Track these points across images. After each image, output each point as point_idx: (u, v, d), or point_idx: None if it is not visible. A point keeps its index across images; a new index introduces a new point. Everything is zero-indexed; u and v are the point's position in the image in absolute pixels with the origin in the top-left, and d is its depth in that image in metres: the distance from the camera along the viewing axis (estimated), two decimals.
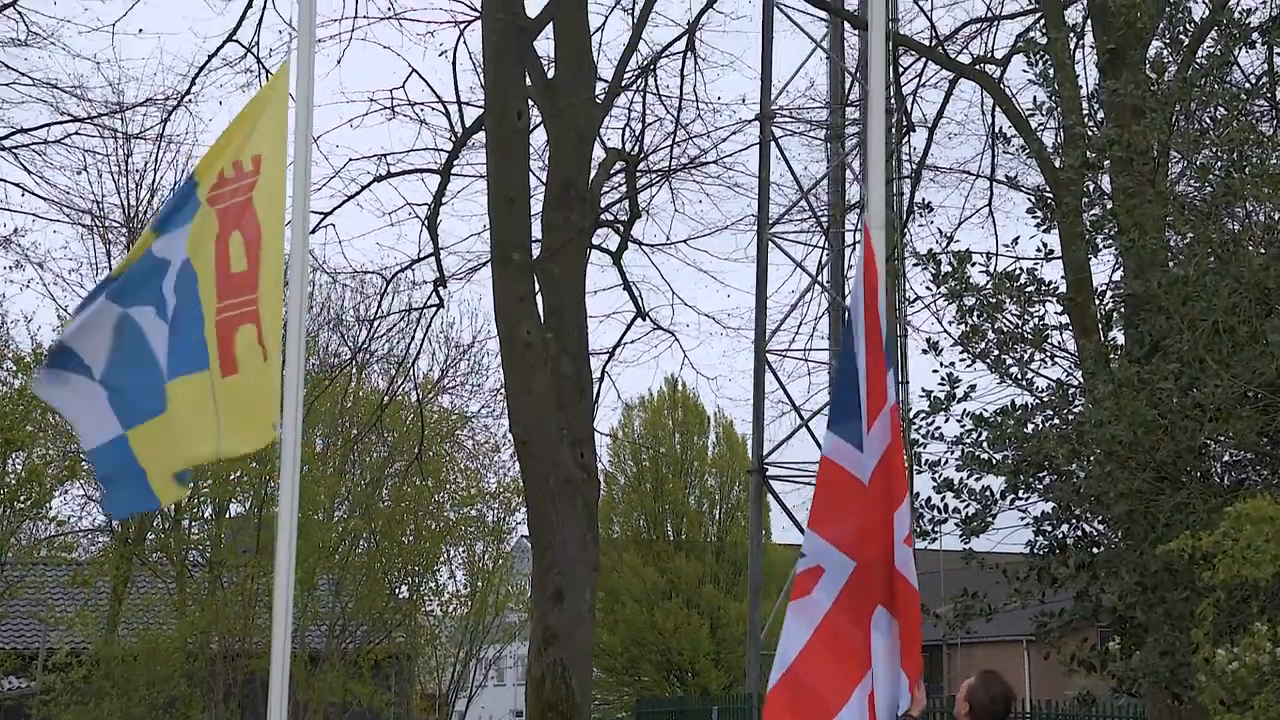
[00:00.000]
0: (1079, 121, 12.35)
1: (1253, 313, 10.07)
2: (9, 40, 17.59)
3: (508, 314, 14.81)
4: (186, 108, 18.14)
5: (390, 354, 24.25)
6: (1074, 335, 12.33)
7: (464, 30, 16.69)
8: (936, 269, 12.06)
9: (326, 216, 17.26)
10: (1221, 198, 10.57)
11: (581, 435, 14.94)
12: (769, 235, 23.45)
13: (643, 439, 40.96)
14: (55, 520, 22.12)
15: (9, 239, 20.00)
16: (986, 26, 18.04)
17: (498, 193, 14.97)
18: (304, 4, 6.86)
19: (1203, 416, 10.20)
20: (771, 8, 22.40)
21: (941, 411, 12.27)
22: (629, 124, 17.58)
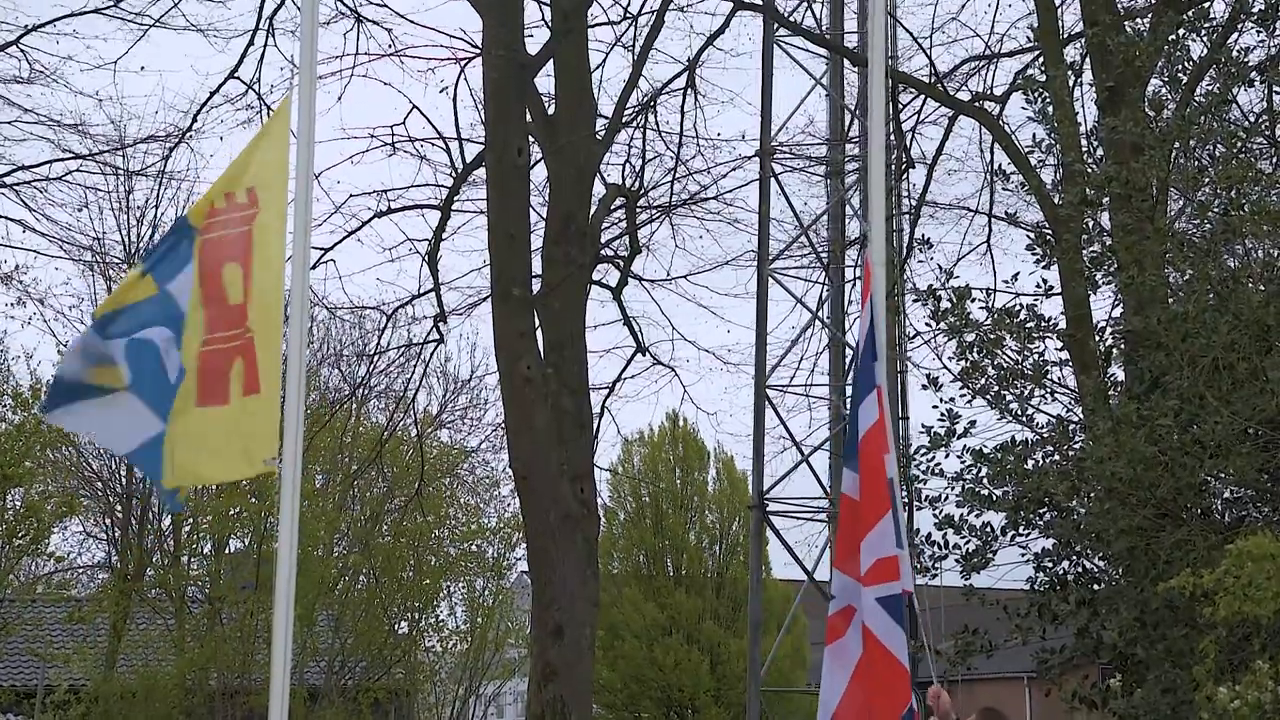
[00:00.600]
0: (1078, 159, 12.39)
1: (1252, 349, 10.08)
2: (11, 78, 17.67)
3: (508, 349, 14.82)
4: (188, 144, 18.21)
5: (390, 389, 24.26)
6: (1074, 371, 12.33)
7: (465, 67, 16.77)
8: (936, 305, 12.09)
9: (327, 252, 17.30)
10: (1221, 235, 10.60)
11: (581, 470, 14.93)
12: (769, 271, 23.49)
13: (643, 474, 40.90)
14: (54, 557, 22.07)
15: (10, 276, 20.02)
16: (985, 64, 18.12)
17: (498, 228, 14.99)
18: (305, 42, 6.89)
19: (1203, 453, 10.19)
20: (771, 45, 22.48)
21: (942, 447, 12.28)
22: (629, 160, 17.65)
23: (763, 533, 26.17)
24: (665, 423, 40.86)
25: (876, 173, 6.91)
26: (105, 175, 21.13)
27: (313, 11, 7.00)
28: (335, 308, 21.27)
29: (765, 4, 19.29)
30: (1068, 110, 12.89)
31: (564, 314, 15.01)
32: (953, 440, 12.21)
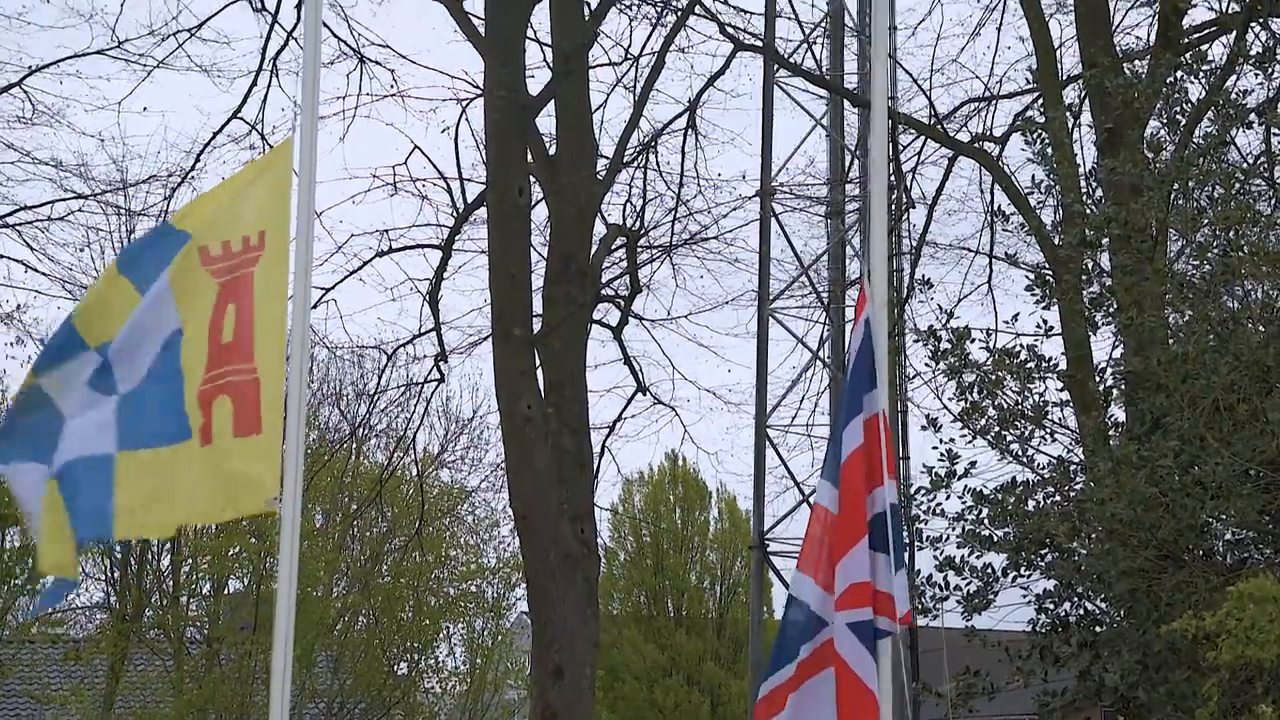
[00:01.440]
0: (1077, 200, 12.42)
1: (1252, 390, 10.08)
2: (15, 119, 17.73)
3: (508, 389, 14.81)
4: (190, 184, 18.24)
5: (390, 429, 24.24)
6: (1075, 412, 12.33)
7: (466, 108, 16.82)
8: (936, 346, 12.10)
9: (328, 291, 17.31)
10: (1220, 276, 10.61)
11: (582, 510, 14.90)
12: (770, 311, 23.51)
13: (643, 514, 40.85)
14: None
15: (10, 316, 20.03)
16: (985, 105, 18.19)
17: (499, 268, 15.01)
18: (308, 82, 6.92)
19: (1204, 494, 10.18)
20: (771, 86, 22.56)
21: (942, 488, 12.26)
22: (630, 200, 17.66)
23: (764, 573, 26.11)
24: (665, 462, 40.84)
25: (877, 213, 6.92)
26: (107, 215, 21.18)
27: (315, 52, 7.04)
28: (336, 347, 21.29)
29: (765, 45, 19.37)
30: (1067, 151, 12.93)
31: (564, 353, 15.01)
32: (953, 481, 12.20)
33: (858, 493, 6.18)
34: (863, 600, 6.08)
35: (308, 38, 7.04)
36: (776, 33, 20.94)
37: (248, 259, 6.52)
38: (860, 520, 6.13)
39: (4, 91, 17.34)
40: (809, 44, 21.35)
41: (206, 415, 6.38)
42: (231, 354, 6.42)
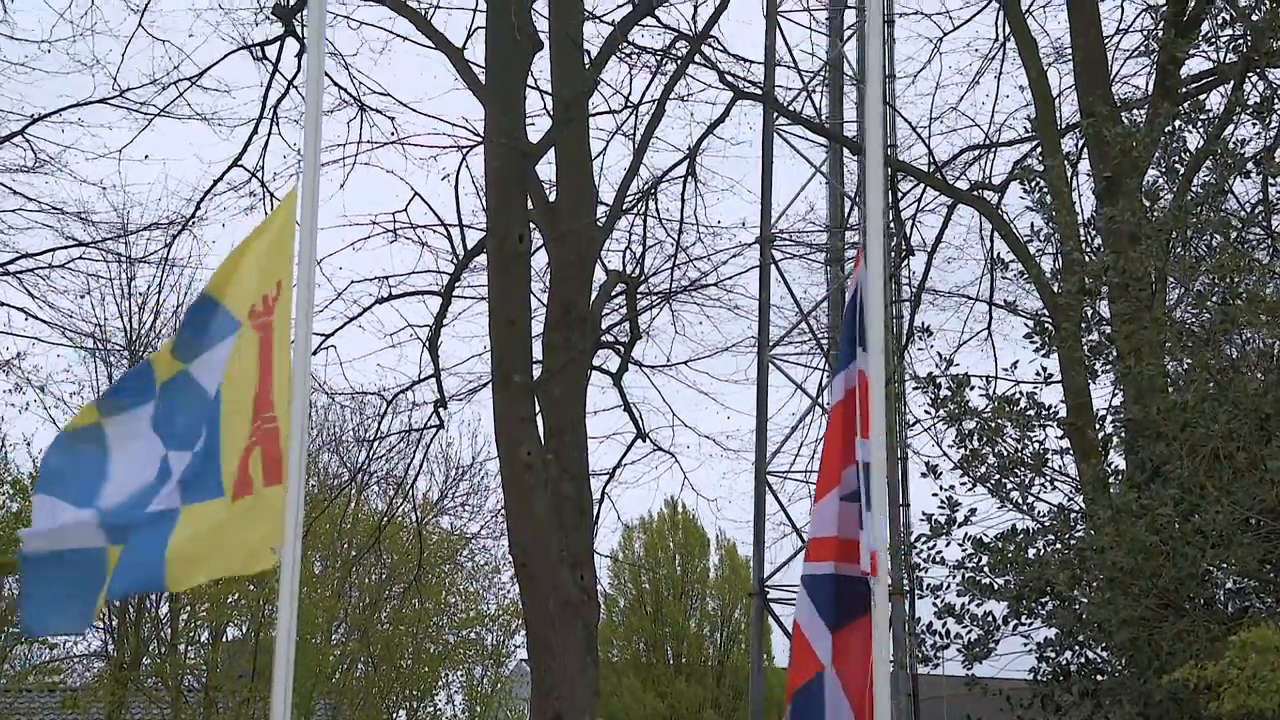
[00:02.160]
0: (1076, 248, 12.45)
1: (1252, 439, 10.07)
2: (17, 167, 17.79)
3: (508, 435, 14.81)
4: (190, 231, 18.27)
5: (389, 475, 24.20)
6: (1075, 459, 12.32)
7: (466, 155, 16.88)
8: (936, 393, 12.10)
9: (328, 338, 17.33)
10: (1219, 324, 10.62)
11: (582, 557, 14.87)
12: (769, 357, 23.53)
13: (643, 561, 40.74)
14: (48, 644, 21.90)
15: (10, 363, 20.04)
16: (984, 153, 18.25)
17: (499, 315, 15.03)
18: (309, 130, 6.96)
19: (1204, 543, 10.16)
20: (771, 133, 22.65)
21: (942, 535, 12.24)
22: (630, 246, 17.71)
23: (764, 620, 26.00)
24: (665, 509, 40.76)
25: (876, 260, 6.94)
26: (108, 262, 21.22)
27: (317, 100, 7.09)
28: (335, 393, 21.27)
29: (765, 94, 19.46)
30: (1066, 200, 12.97)
31: (564, 400, 15.02)
32: (953, 528, 12.17)
33: (834, 447, 6.29)
34: (824, 554, 6.21)
35: (309, 87, 7.09)
36: (776, 81, 21.07)
37: (270, 309, 6.63)
38: (834, 472, 6.26)
39: (7, 140, 17.41)
40: (808, 92, 21.47)
41: (243, 469, 6.44)
42: (263, 404, 6.50)
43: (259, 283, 6.68)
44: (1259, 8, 11.92)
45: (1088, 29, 14.60)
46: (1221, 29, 13.12)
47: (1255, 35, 11.74)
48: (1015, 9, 15.74)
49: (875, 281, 6.89)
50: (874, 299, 6.85)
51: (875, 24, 7.36)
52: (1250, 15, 11.97)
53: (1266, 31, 11.54)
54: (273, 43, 16.54)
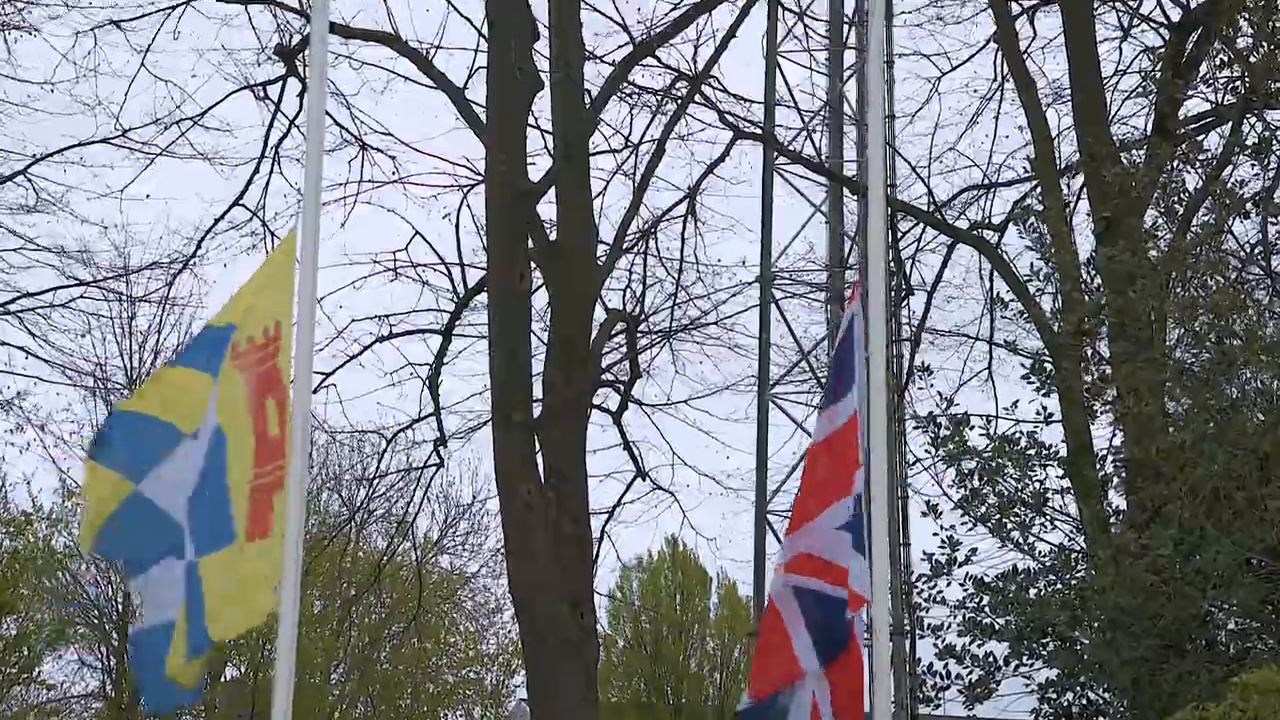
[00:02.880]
0: (1076, 287, 12.46)
1: (1251, 479, 10.06)
2: (19, 206, 17.83)
3: (508, 474, 14.79)
4: (191, 270, 18.30)
5: (389, 514, 24.15)
6: (1075, 499, 12.30)
7: (467, 194, 16.91)
8: (936, 432, 12.10)
9: (328, 377, 17.32)
10: (1218, 364, 10.63)
11: (581, 596, 14.83)
12: (769, 396, 23.52)
13: (642, 600, 40.61)
14: (46, 685, 21.83)
15: (10, 402, 20.03)
16: (983, 193, 18.29)
17: (499, 354, 15.04)
18: (311, 169, 6.97)
19: (1205, 584, 10.14)
20: (771, 173, 22.71)
21: (943, 575, 12.22)
22: (630, 285, 17.73)
23: None
24: (665, 548, 40.64)
25: (876, 300, 6.95)
26: (108, 301, 21.23)
27: (318, 140, 7.10)
28: (335, 432, 21.25)
29: (765, 133, 19.52)
30: (1065, 240, 13.00)
31: (564, 439, 15.00)
32: (954, 568, 12.16)
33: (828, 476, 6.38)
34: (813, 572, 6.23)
35: (311, 126, 7.10)
36: (776, 121, 21.13)
37: (270, 351, 6.59)
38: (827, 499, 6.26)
39: (9, 180, 17.45)
40: (808, 132, 21.53)
41: (258, 512, 6.41)
42: (280, 448, 6.47)
43: (252, 322, 6.66)
44: (1257, 50, 11.97)
45: (1086, 70, 14.66)
46: (1219, 70, 13.19)
47: (1253, 77, 11.80)
48: (1013, 50, 15.81)
49: (877, 321, 6.90)
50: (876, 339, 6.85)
51: (875, 65, 7.40)
52: (1248, 57, 12.03)
53: (1264, 73, 11.59)
54: (275, 82, 16.61)
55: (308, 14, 14.73)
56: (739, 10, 16.62)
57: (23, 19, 16.79)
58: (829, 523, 6.27)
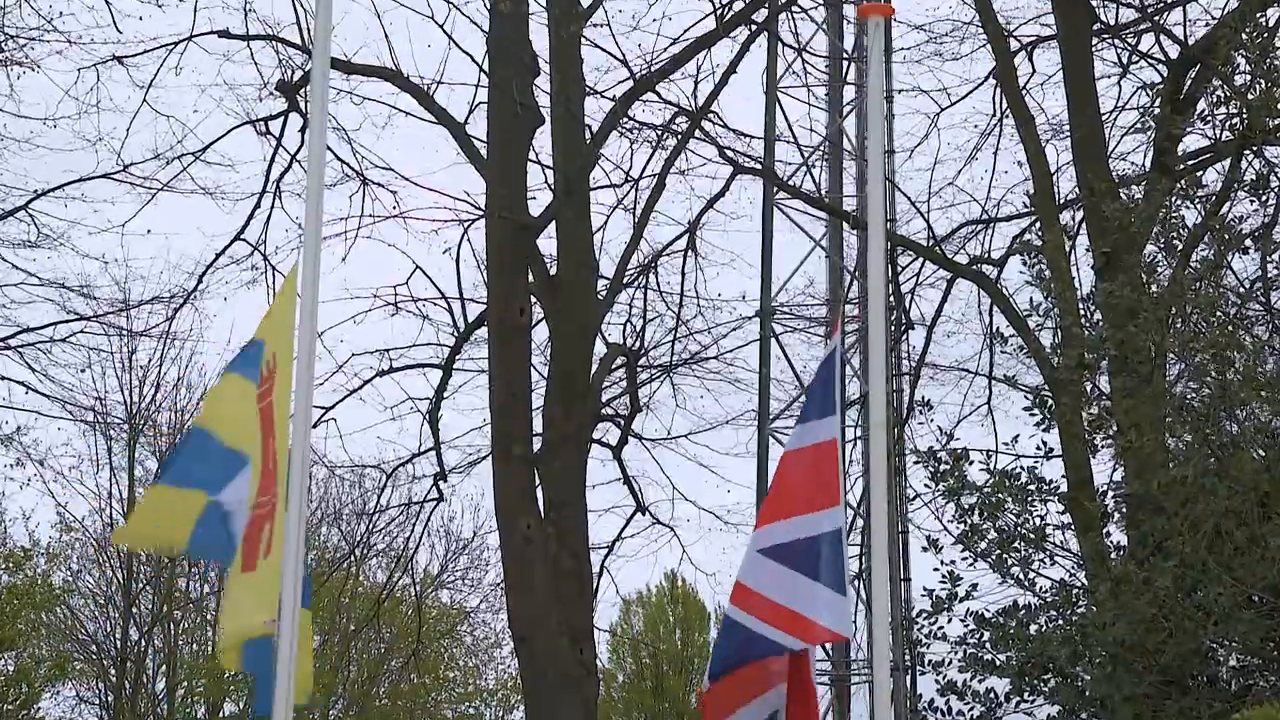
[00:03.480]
0: (1076, 322, 12.47)
1: (1252, 516, 10.05)
2: (20, 241, 17.85)
3: (508, 508, 14.78)
4: (192, 305, 18.31)
5: (389, 548, 24.11)
6: (1076, 534, 12.28)
7: (468, 228, 16.92)
8: (936, 467, 12.09)
9: (328, 411, 17.31)
10: (1218, 400, 10.63)
11: (581, 631, 14.80)
12: (770, 431, 23.50)
13: (642, 635, 40.49)
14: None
15: (10, 437, 20.02)
16: (983, 228, 18.31)
17: (499, 388, 15.05)
18: (312, 204, 6.98)
19: (1206, 619, 10.11)
20: (771, 208, 22.74)
21: (944, 611, 12.19)
22: (630, 320, 17.74)
23: None
24: (665, 583, 40.55)
25: (876, 334, 6.95)
26: (109, 336, 21.23)
27: (319, 175, 7.12)
28: (335, 466, 21.22)
29: (765, 168, 19.56)
30: (1064, 274, 13.01)
31: (564, 473, 15.00)
32: (954, 604, 12.13)
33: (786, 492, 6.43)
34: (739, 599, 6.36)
35: (312, 161, 7.12)
36: (776, 156, 21.16)
37: (269, 387, 6.62)
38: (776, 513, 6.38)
39: (10, 215, 17.48)
40: (808, 167, 21.57)
41: (254, 540, 6.44)
42: (269, 481, 6.51)
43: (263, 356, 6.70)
44: (1254, 86, 12.02)
45: (1085, 106, 14.71)
46: (1217, 107, 13.23)
47: (1251, 113, 11.84)
48: (1013, 86, 15.87)
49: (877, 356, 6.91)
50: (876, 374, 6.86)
51: (874, 100, 7.42)
52: (1246, 93, 12.07)
53: (1262, 109, 11.63)
54: (276, 118, 16.65)
55: (309, 50, 14.79)
56: (739, 47, 16.68)
57: (25, 55, 16.85)
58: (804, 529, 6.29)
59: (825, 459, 6.39)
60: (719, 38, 16.31)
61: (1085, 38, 15.06)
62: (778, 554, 6.35)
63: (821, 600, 6.21)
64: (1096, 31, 15.59)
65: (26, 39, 16.78)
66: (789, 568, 6.29)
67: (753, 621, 6.33)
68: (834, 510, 6.34)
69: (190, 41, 16.46)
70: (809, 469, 6.40)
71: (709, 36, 16.26)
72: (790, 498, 6.42)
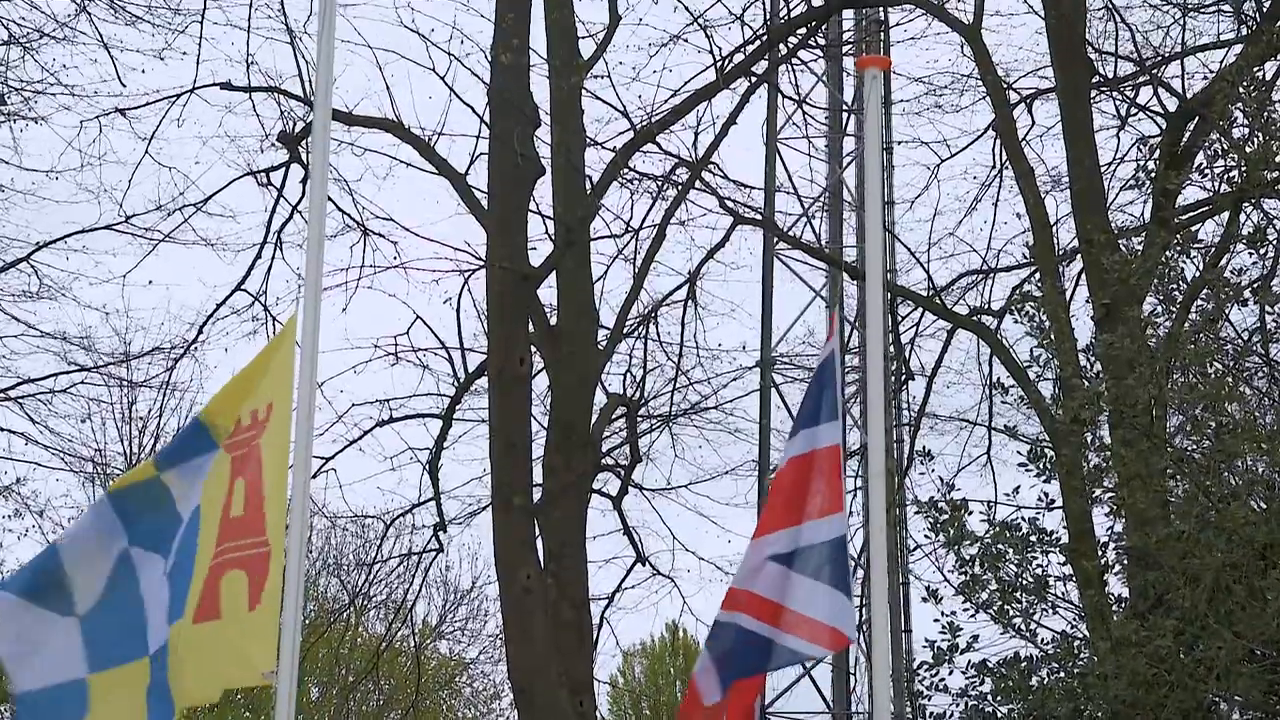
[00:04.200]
0: (1075, 374, 12.48)
1: (1251, 569, 10.02)
2: (21, 293, 17.89)
3: (508, 559, 14.75)
4: (193, 355, 18.31)
5: (389, 599, 24.02)
6: (1077, 586, 12.25)
7: (468, 278, 16.95)
8: (936, 517, 12.08)
9: (328, 461, 17.29)
10: (1216, 452, 10.62)
11: (581, 683, 14.74)
12: (769, 481, 23.47)
13: (643, 687, 40.30)
14: None
15: (9, 488, 19.98)
16: (982, 278, 18.35)
17: (499, 438, 15.04)
18: (312, 255, 7.01)
19: (1207, 674, 10.07)
20: (771, 258, 22.80)
21: (945, 663, 12.15)
22: (630, 370, 17.74)
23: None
24: (666, 634, 40.40)
25: (875, 384, 6.97)
26: (109, 387, 21.22)
27: (320, 226, 7.15)
28: (335, 516, 21.18)
29: (765, 219, 19.63)
30: (1064, 326, 13.03)
31: (564, 523, 14.97)
32: (955, 655, 12.08)
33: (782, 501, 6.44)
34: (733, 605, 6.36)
35: (313, 212, 7.15)
36: (776, 207, 21.26)
37: (254, 434, 6.58)
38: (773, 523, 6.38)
39: (12, 266, 17.52)
40: (808, 218, 21.65)
41: (210, 591, 6.37)
42: (245, 528, 6.44)
43: (245, 403, 6.66)
44: (1252, 140, 12.08)
45: (1084, 158, 14.78)
46: (1215, 160, 13.29)
47: (1249, 166, 11.89)
48: (1012, 138, 15.95)
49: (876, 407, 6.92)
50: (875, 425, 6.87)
51: (874, 151, 7.46)
52: (1244, 146, 12.13)
53: (1260, 163, 11.68)
54: (278, 169, 16.71)
55: (311, 101, 14.85)
56: (739, 98, 16.77)
57: (30, 108, 16.94)
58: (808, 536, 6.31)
59: (828, 465, 6.42)
60: (719, 89, 16.40)
61: (1084, 90, 15.14)
62: (783, 561, 6.37)
63: (830, 604, 6.24)
64: (1095, 84, 15.69)
65: (31, 92, 16.88)
66: (797, 572, 6.31)
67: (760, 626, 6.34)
68: (837, 516, 6.37)
69: (192, 93, 16.56)
70: (812, 475, 6.42)
71: (709, 88, 16.35)
72: (793, 505, 6.44)
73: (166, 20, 16.81)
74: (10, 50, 16.68)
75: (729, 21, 17.33)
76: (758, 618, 6.33)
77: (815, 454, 6.44)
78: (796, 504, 6.43)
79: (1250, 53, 12.77)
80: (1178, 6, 16.49)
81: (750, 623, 6.34)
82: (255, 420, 6.62)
